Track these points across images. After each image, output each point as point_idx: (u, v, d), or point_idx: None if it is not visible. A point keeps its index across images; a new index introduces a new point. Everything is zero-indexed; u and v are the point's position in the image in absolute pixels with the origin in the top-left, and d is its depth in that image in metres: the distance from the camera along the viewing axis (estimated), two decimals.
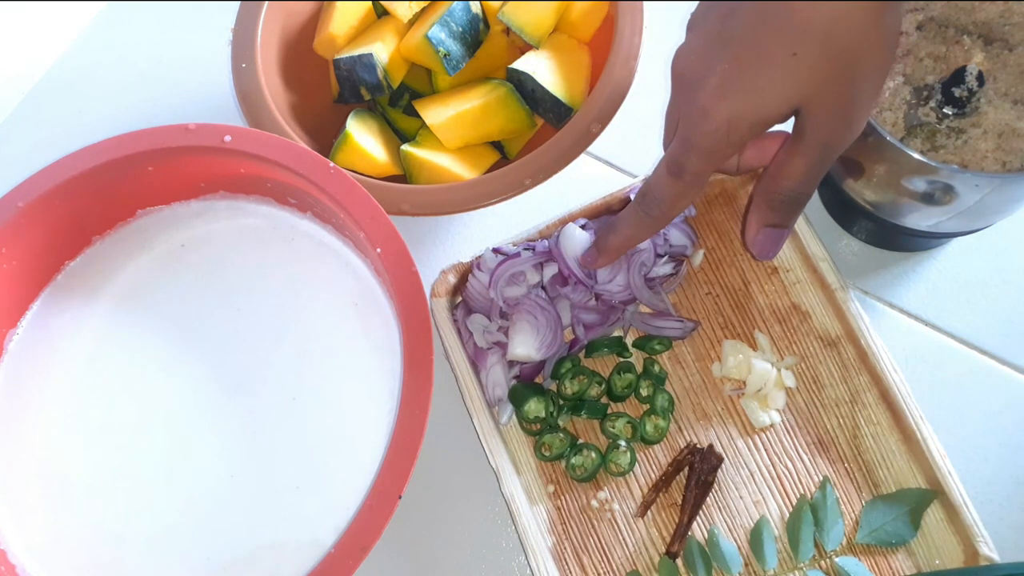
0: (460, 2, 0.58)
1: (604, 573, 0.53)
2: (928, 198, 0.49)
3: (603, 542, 0.53)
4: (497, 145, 0.61)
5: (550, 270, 0.55)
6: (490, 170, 0.58)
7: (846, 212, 0.58)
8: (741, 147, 0.43)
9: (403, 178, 0.58)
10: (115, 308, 0.56)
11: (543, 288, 0.55)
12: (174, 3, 0.72)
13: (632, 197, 0.52)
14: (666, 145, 0.46)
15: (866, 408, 0.54)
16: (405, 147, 0.58)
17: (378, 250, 0.49)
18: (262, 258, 0.57)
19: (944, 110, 0.50)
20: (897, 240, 0.59)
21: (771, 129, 0.42)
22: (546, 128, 0.61)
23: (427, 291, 0.50)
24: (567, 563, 0.53)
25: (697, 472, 0.53)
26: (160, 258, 0.57)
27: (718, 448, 0.54)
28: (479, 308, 0.56)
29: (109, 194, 0.55)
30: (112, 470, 0.52)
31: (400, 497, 0.44)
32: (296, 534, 0.50)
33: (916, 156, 0.47)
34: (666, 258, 0.56)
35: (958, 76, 0.50)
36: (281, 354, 0.54)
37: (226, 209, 0.58)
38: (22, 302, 0.55)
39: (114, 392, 0.54)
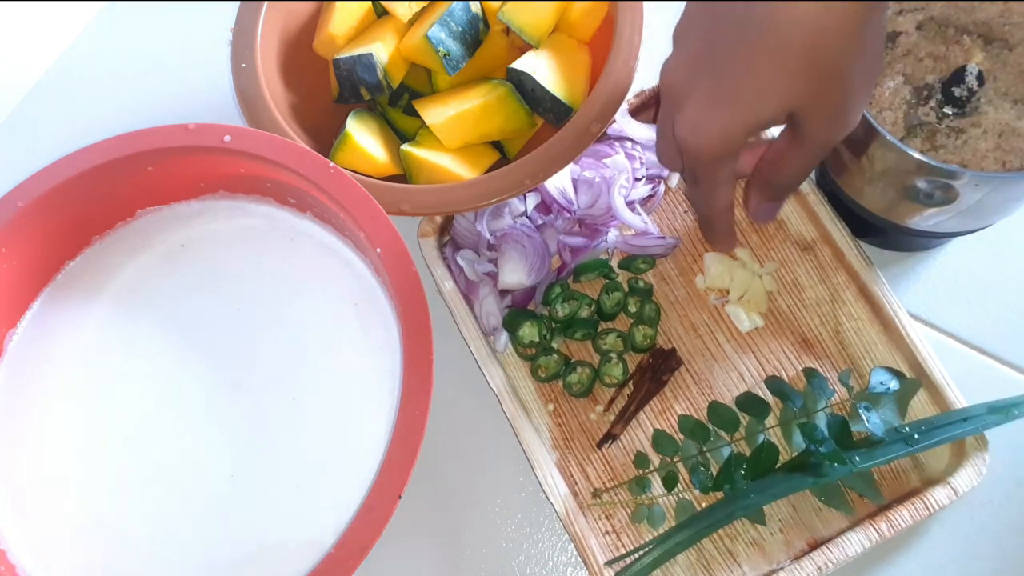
0: (460, 2, 0.58)
1: (608, 482, 0.55)
2: (928, 198, 0.49)
3: (605, 453, 0.56)
4: (497, 145, 0.61)
5: (533, 200, 0.58)
6: (490, 170, 0.58)
7: (845, 212, 0.58)
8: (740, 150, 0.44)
9: (403, 178, 0.58)
10: (115, 308, 0.56)
11: (527, 218, 0.58)
12: (174, 3, 0.72)
13: None
14: (659, 152, 0.47)
15: (846, 304, 0.57)
16: (405, 147, 0.58)
17: (378, 250, 0.49)
18: (262, 258, 0.57)
19: (944, 110, 0.50)
20: (897, 240, 0.59)
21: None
22: (546, 128, 0.61)
23: (423, 283, 0.50)
24: (573, 476, 0.55)
25: (653, 368, 0.56)
26: (160, 258, 0.57)
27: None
28: (467, 244, 0.58)
29: (109, 194, 0.55)
30: (112, 470, 0.52)
31: (400, 497, 0.44)
32: (296, 534, 0.50)
33: (916, 156, 0.47)
34: (644, 180, 0.59)
35: (958, 76, 0.50)
36: (281, 354, 0.54)
37: (226, 209, 0.58)
38: (22, 302, 0.55)
39: (114, 392, 0.54)
